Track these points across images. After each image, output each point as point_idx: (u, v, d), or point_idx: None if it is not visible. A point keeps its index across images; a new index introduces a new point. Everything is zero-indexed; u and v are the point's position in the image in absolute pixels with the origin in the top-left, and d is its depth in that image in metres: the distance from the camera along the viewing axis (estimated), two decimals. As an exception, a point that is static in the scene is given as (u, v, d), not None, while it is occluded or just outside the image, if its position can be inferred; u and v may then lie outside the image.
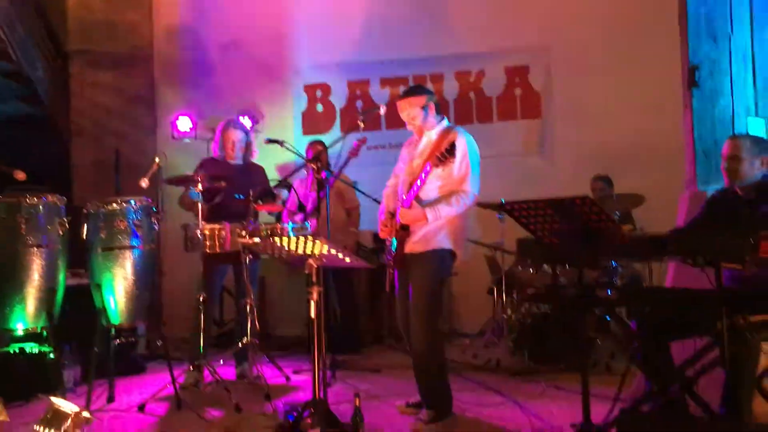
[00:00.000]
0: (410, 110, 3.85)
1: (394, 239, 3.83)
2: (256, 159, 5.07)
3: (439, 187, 3.75)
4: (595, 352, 5.01)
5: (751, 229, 2.66)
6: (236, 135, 4.90)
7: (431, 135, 3.86)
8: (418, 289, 3.75)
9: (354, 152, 5.05)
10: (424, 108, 3.83)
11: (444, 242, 3.76)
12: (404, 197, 3.76)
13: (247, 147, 4.95)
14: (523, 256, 5.15)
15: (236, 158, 4.93)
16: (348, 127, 6.79)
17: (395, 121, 6.93)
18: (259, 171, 5.00)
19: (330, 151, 5.38)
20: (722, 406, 2.96)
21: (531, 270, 5.27)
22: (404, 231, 3.79)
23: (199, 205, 4.33)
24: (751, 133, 3.93)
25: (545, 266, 5.14)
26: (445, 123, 3.92)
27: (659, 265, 5.06)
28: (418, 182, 3.70)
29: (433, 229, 3.75)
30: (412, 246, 3.79)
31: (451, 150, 3.61)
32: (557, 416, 3.75)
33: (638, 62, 6.39)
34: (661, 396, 2.97)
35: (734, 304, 2.70)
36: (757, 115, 4.04)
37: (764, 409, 3.14)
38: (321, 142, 5.87)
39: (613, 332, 4.84)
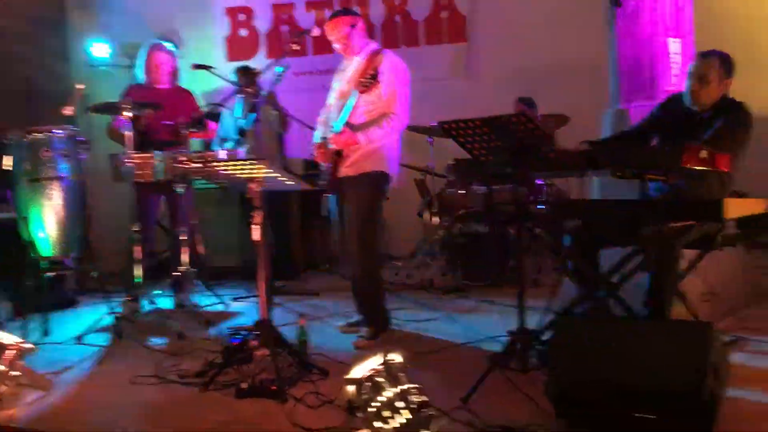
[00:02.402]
0: (338, 31, 3.84)
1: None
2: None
3: (368, 111, 3.78)
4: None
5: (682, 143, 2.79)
6: (162, 57, 4.72)
7: (359, 59, 3.86)
8: (354, 212, 3.83)
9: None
10: (352, 27, 3.82)
11: (377, 165, 3.82)
12: (336, 123, 3.77)
13: (174, 71, 4.79)
14: (456, 177, 5.27)
15: (163, 83, 4.77)
16: (277, 52, 6.67)
17: (322, 47, 6.92)
18: (189, 96, 4.86)
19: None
20: (645, 306, 3.19)
21: (461, 191, 5.41)
22: (338, 156, 3.82)
23: (128, 133, 4.19)
24: (670, 52, 4.08)
25: (473, 186, 5.29)
26: (372, 46, 3.92)
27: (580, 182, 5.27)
28: (348, 108, 3.72)
29: (365, 153, 3.80)
30: (346, 170, 3.84)
31: (375, 75, 3.65)
32: (490, 327, 3.94)
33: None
34: (590, 301, 3.17)
35: (657, 212, 2.88)
36: (676, 34, 4.20)
37: (679, 311, 3.43)
38: (249, 68, 5.74)
39: (540, 246, 5.07)
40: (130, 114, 4.15)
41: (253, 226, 3.25)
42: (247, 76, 5.57)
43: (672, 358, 2.50)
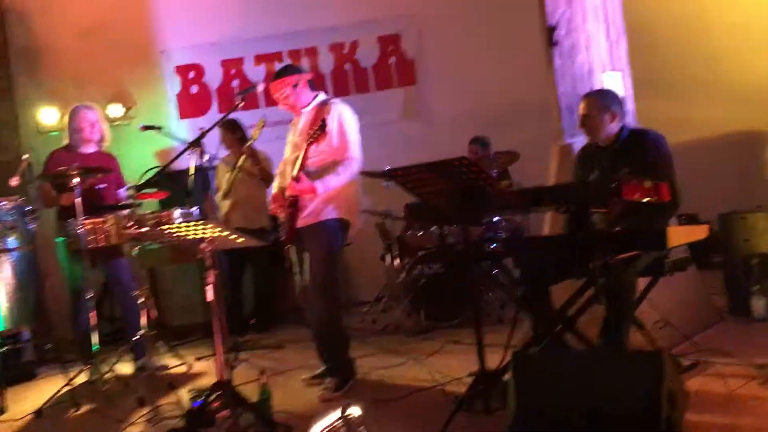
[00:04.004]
0: (280, 93, 3.92)
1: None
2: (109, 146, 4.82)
3: (321, 161, 3.83)
4: (486, 305, 5.28)
5: (614, 176, 2.90)
6: (91, 115, 4.61)
7: (307, 111, 3.92)
8: (313, 261, 3.83)
9: (253, 137, 5.31)
10: (294, 87, 3.88)
11: (334, 212, 3.85)
12: (294, 174, 3.80)
13: (102, 136, 4.69)
14: (411, 220, 5.31)
15: (89, 147, 4.65)
16: (227, 107, 6.72)
17: (273, 98, 6.96)
18: (115, 163, 4.77)
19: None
20: (600, 338, 3.23)
21: (420, 233, 5.45)
22: (294, 207, 3.84)
23: (79, 199, 4.13)
24: (607, 85, 4.21)
25: (433, 228, 5.33)
26: (320, 98, 3.98)
27: (536, 216, 5.35)
28: (300, 160, 3.77)
29: (322, 202, 3.83)
30: (304, 219, 3.86)
31: (323, 126, 3.71)
32: (456, 368, 3.93)
33: (503, 24, 6.63)
34: (547, 336, 3.19)
35: (603, 244, 2.94)
36: (612, 68, 4.33)
37: (641, 339, 3.48)
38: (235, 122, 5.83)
39: (501, 283, 5.10)
40: (78, 180, 4.09)
41: (207, 287, 3.23)
42: (234, 130, 5.70)
43: (628, 387, 2.53)
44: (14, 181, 4.13)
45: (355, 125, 3.90)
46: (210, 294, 3.21)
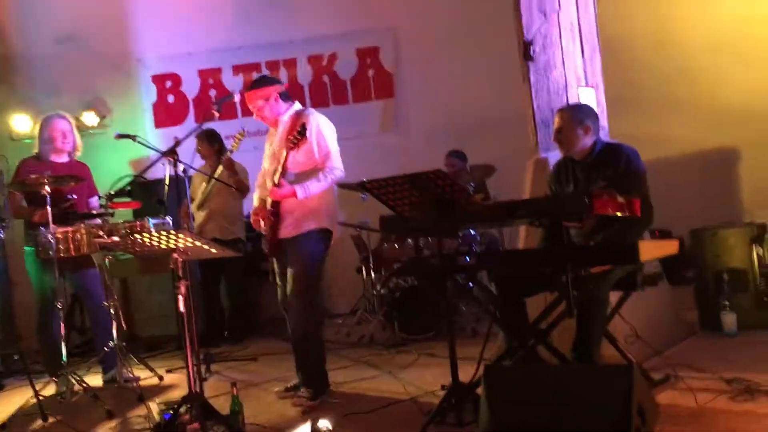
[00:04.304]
0: (253, 105, 3.92)
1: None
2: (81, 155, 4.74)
3: (301, 168, 3.82)
4: (460, 318, 5.28)
5: (587, 190, 2.93)
6: (63, 125, 4.53)
7: (284, 121, 3.92)
8: (295, 272, 3.81)
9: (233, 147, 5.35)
10: (266, 101, 3.88)
11: (316, 222, 3.84)
12: (274, 182, 3.80)
13: (75, 146, 4.61)
14: (386, 232, 5.31)
15: (61, 157, 4.58)
16: (203, 117, 6.68)
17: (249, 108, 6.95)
18: (87, 171, 4.69)
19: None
20: (573, 351, 3.25)
21: (396, 245, 5.45)
22: (275, 218, 3.82)
23: (48, 208, 4.07)
24: (582, 101, 4.25)
25: (409, 240, 5.33)
26: (296, 107, 3.98)
27: (512, 230, 5.38)
28: (280, 168, 3.76)
29: (303, 213, 3.82)
30: (286, 231, 3.85)
31: (302, 131, 3.71)
32: (430, 381, 3.92)
33: (480, 39, 6.67)
34: (520, 349, 3.20)
35: (575, 258, 2.96)
36: (586, 84, 4.38)
37: (612, 352, 3.50)
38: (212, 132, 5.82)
39: (475, 296, 5.11)
40: (49, 189, 4.04)
41: (179, 297, 3.19)
42: (211, 140, 5.68)
43: (599, 401, 2.55)
44: (-17, 189, 4.07)
45: (332, 134, 3.90)
46: (181, 305, 3.17)
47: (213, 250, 3.28)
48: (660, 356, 3.83)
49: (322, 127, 3.85)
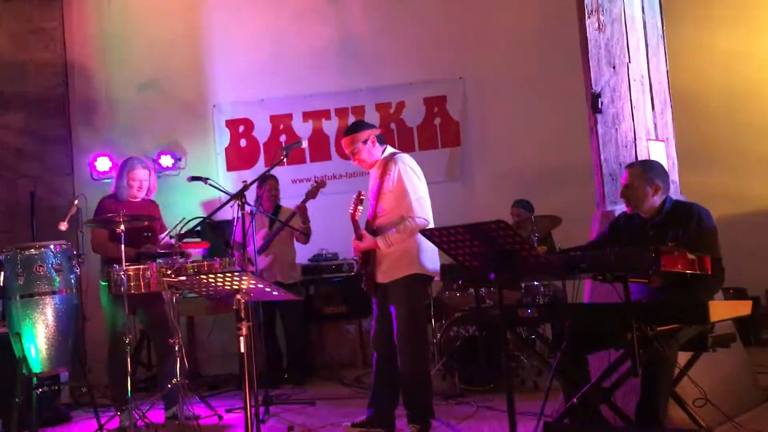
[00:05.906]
0: (352, 148, 4.04)
1: None
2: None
3: (387, 215, 3.96)
4: (522, 371, 5.16)
5: (654, 246, 2.84)
6: (143, 174, 4.74)
7: (376, 167, 4.05)
8: (398, 316, 3.94)
9: (312, 194, 5.48)
10: (364, 143, 3.97)
11: (408, 269, 3.95)
12: (360, 232, 3.99)
13: (150, 187, 4.82)
14: (447, 281, 5.27)
15: (139, 197, 4.79)
16: (271, 162, 6.87)
17: (318, 154, 7.12)
18: (156, 208, 4.91)
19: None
20: (637, 413, 3.12)
21: (458, 294, 5.41)
22: (366, 265, 4.03)
23: (122, 246, 4.24)
24: (652, 155, 4.17)
25: (471, 290, 5.28)
26: (388, 151, 4.08)
27: (577, 282, 5.26)
28: (370, 212, 3.97)
29: (396, 258, 3.95)
30: (382, 276, 4.01)
31: (384, 182, 3.89)
32: (488, 435, 3.85)
33: (548, 89, 6.68)
34: (582, 408, 3.10)
35: (642, 315, 2.87)
36: (656, 137, 4.30)
37: (680, 415, 3.34)
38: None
39: (537, 350, 5.00)
40: (123, 228, 4.20)
41: (240, 338, 3.24)
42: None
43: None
44: (63, 226, 4.27)
45: (418, 180, 3.99)
46: (242, 345, 3.22)
47: (275, 293, 3.33)
48: (731, 423, 3.64)
49: (404, 173, 3.93)
